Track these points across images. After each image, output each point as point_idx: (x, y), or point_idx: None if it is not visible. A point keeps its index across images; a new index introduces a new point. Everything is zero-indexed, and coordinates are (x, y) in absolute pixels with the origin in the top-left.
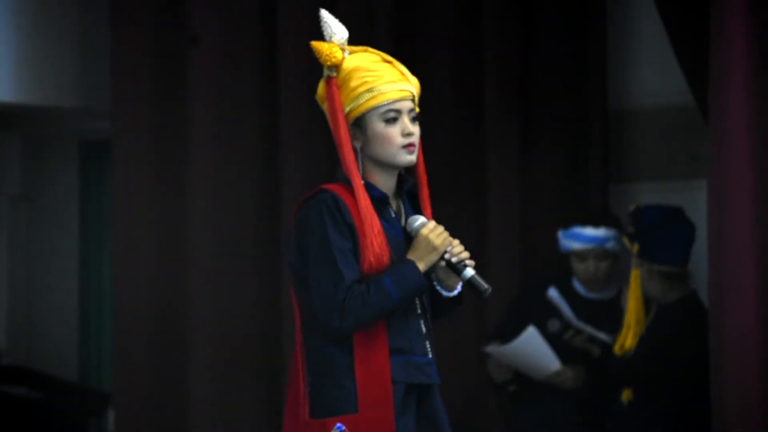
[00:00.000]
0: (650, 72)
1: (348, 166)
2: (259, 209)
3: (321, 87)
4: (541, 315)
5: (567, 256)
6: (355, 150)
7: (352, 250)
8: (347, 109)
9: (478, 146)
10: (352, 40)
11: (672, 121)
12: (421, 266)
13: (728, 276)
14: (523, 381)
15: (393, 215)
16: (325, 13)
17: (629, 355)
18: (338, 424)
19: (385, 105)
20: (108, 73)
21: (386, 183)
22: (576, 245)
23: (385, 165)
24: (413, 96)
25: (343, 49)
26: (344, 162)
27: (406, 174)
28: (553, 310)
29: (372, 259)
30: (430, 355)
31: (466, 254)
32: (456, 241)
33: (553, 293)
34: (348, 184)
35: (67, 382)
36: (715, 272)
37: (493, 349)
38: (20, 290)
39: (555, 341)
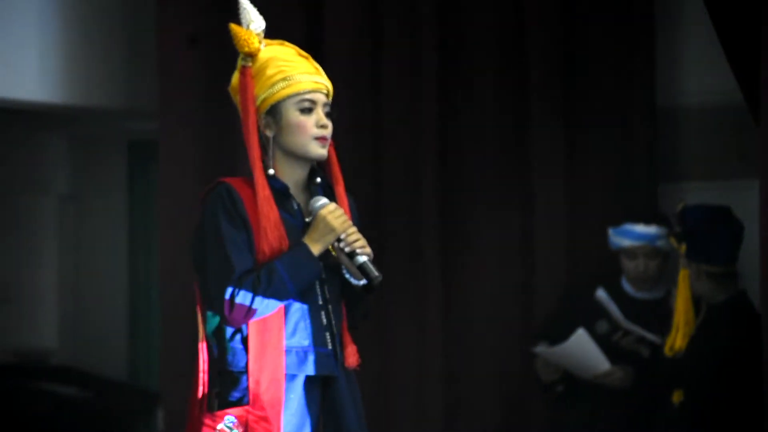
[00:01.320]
0: (699, 70)
1: (252, 157)
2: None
3: (235, 78)
4: (589, 316)
5: (616, 255)
6: (267, 139)
7: (245, 241)
8: (262, 97)
9: (523, 146)
10: (399, 49)
11: (721, 120)
12: (316, 249)
13: None
14: (570, 381)
15: (296, 207)
16: (244, 1)
17: (679, 355)
18: (227, 416)
19: (300, 94)
20: (155, 72)
21: (294, 174)
22: (626, 242)
23: (296, 156)
24: (328, 91)
25: (260, 39)
26: (249, 150)
27: (318, 168)
28: (602, 311)
29: (266, 250)
30: (330, 347)
31: (361, 242)
32: (353, 228)
33: (601, 294)
34: (251, 177)
35: (116, 381)
36: (766, 272)
37: (541, 349)
38: (69, 290)
39: (603, 342)
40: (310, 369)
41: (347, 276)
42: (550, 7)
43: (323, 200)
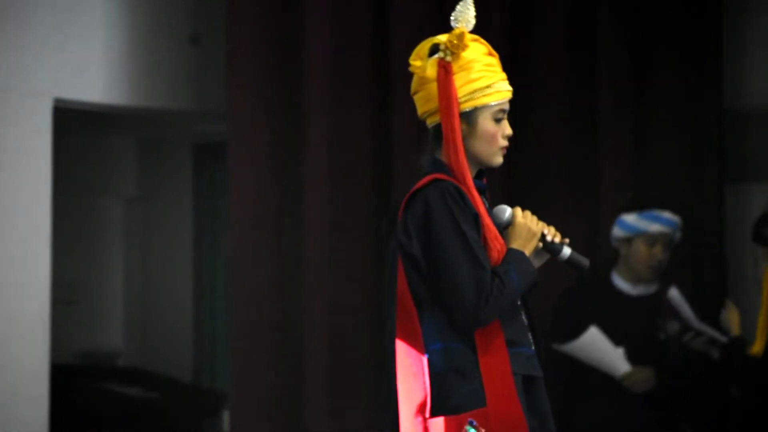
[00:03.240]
0: (766, 71)
1: (461, 159)
2: (374, 209)
3: (432, 68)
4: (591, 314)
5: (614, 250)
6: None
7: (480, 240)
8: (461, 99)
9: (591, 147)
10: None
11: None
12: (528, 254)
13: None
14: (579, 378)
15: (487, 205)
16: (469, 1)
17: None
18: (470, 419)
19: (499, 104)
20: (220, 74)
21: (473, 176)
22: (654, 227)
23: (477, 161)
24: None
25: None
26: (455, 152)
27: (484, 172)
28: (674, 312)
29: (500, 256)
30: (533, 348)
31: (559, 235)
32: (548, 226)
33: (674, 294)
34: (448, 175)
35: (182, 382)
36: None
37: (558, 346)
38: (136, 292)
39: (674, 343)
40: (526, 368)
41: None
42: (620, 7)
43: (509, 208)
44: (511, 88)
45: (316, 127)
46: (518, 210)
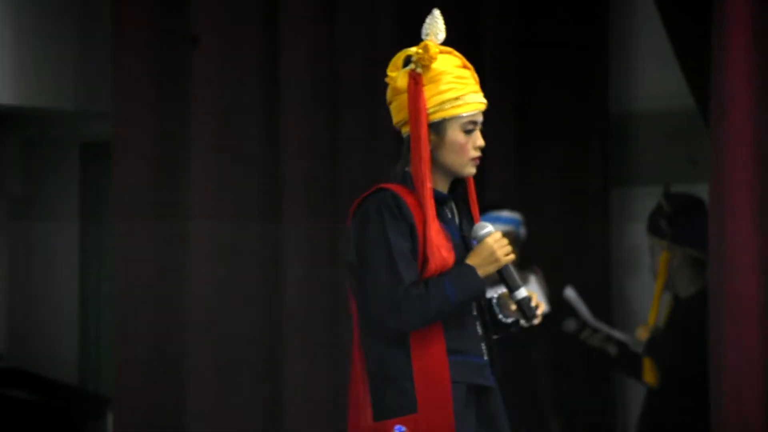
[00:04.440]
0: (651, 75)
1: (423, 168)
2: (260, 211)
3: (402, 79)
4: None
5: None
6: None
7: (411, 250)
8: (429, 110)
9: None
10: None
11: (673, 125)
12: (481, 273)
13: (728, 279)
14: None
15: (450, 216)
16: (437, 12)
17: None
18: (398, 426)
19: (468, 116)
20: (108, 74)
21: (443, 186)
22: (495, 227)
23: (448, 172)
24: (486, 106)
25: (439, 51)
26: (418, 162)
27: (457, 182)
28: (570, 310)
29: (441, 265)
30: (486, 357)
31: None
32: (513, 257)
33: (570, 293)
34: (405, 185)
35: (67, 385)
36: (716, 276)
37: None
38: (20, 293)
39: (571, 340)
40: (472, 377)
41: (496, 309)
42: (507, 13)
43: (489, 227)
44: (484, 101)
45: (202, 128)
46: (495, 233)
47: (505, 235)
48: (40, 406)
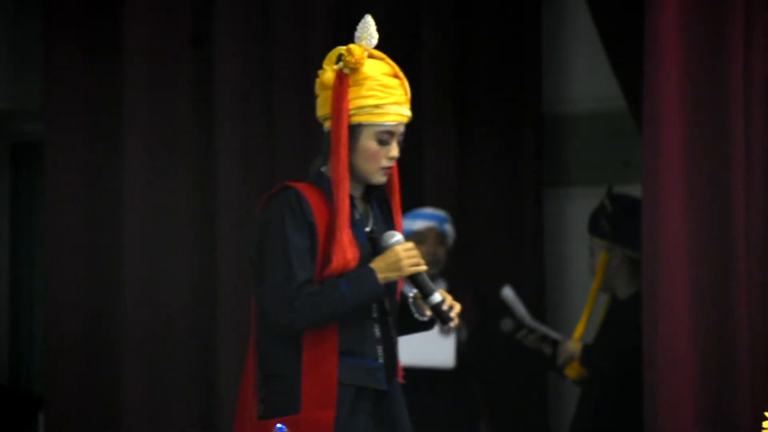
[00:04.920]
0: (584, 77)
1: (340, 170)
2: (193, 211)
3: (329, 76)
4: None
5: None
6: None
7: (309, 249)
8: (350, 112)
9: (413, 153)
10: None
11: (605, 127)
12: (380, 278)
13: (662, 280)
14: None
15: (358, 217)
16: (369, 18)
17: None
18: (279, 425)
19: (384, 126)
20: (40, 73)
21: (355, 187)
22: (417, 224)
23: (360, 177)
24: (408, 120)
25: (368, 56)
26: (336, 161)
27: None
28: (507, 309)
29: (343, 264)
30: (381, 360)
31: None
32: (424, 268)
33: (508, 293)
34: (315, 184)
35: None
36: (649, 276)
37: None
38: None
39: (508, 340)
40: (362, 380)
41: (413, 308)
42: (443, 13)
43: (398, 237)
44: (407, 114)
45: (134, 129)
46: (406, 243)
47: (428, 231)
48: None
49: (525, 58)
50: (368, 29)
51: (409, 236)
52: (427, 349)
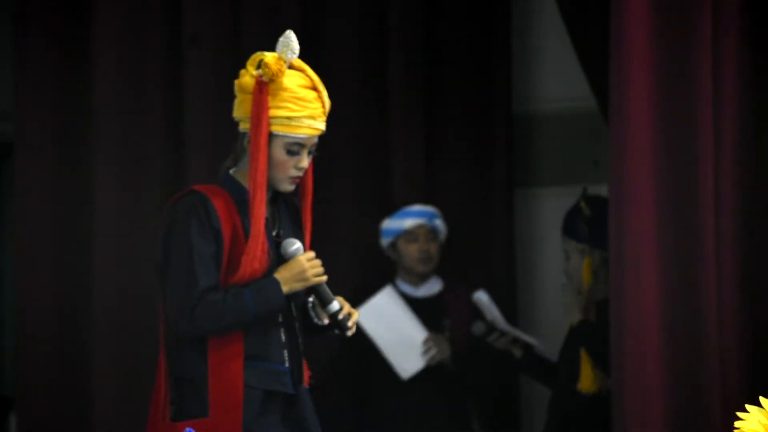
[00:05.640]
0: (554, 76)
1: (258, 177)
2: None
3: (249, 81)
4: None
5: (388, 259)
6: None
7: (214, 254)
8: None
9: (383, 151)
10: (258, 41)
11: (576, 126)
12: (285, 289)
13: (629, 281)
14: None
15: (267, 223)
16: (290, 33)
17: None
18: (188, 429)
19: (294, 137)
20: (10, 72)
21: (268, 197)
22: (407, 223)
23: (269, 183)
24: (322, 132)
25: (288, 67)
26: (255, 169)
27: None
28: (477, 312)
29: (251, 271)
30: (287, 365)
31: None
32: (325, 278)
33: (481, 296)
34: (223, 186)
35: None
36: (616, 277)
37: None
38: None
39: (479, 343)
40: (269, 384)
41: (311, 312)
42: (411, 10)
43: (298, 245)
44: (320, 127)
45: (104, 129)
46: (308, 253)
47: (419, 227)
48: None
49: (494, 56)
50: (289, 44)
51: (399, 235)
52: (393, 322)
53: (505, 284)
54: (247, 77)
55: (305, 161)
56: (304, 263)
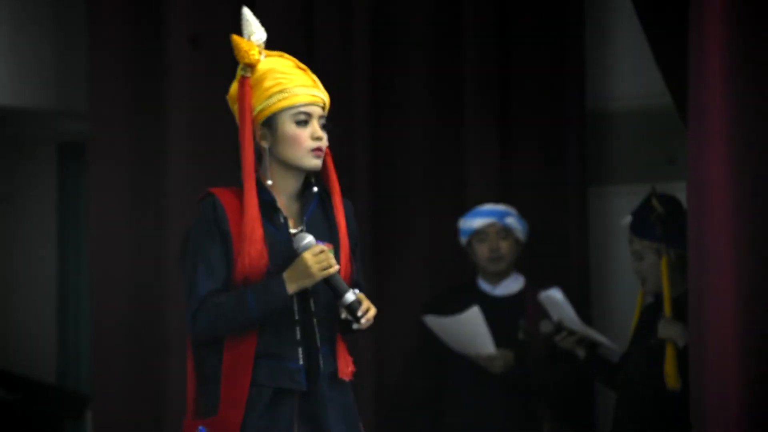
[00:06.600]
0: (628, 74)
1: (245, 169)
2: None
3: (233, 87)
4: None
5: (473, 261)
6: (263, 150)
7: (222, 257)
8: (259, 108)
9: (456, 152)
10: (332, 46)
11: (650, 124)
12: (292, 287)
13: (708, 277)
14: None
15: (282, 220)
16: (247, 12)
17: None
18: (200, 427)
19: (296, 107)
20: (85, 73)
21: (289, 185)
22: (476, 222)
23: (292, 167)
24: (324, 104)
25: (260, 50)
26: (243, 164)
27: (313, 178)
28: (545, 312)
29: (248, 265)
30: (301, 362)
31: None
32: (334, 269)
33: (554, 294)
34: (239, 186)
35: (45, 384)
36: (695, 275)
37: (430, 318)
38: None
39: (546, 342)
40: (280, 381)
41: (341, 309)
42: (485, 10)
43: (308, 239)
44: (318, 94)
45: (177, 126)
46: (314, 247)
47: (489, 226)
48: (19, 406)
49: (568, 54)
50: (249, 25)
51: (472, 234)
52: (467, 336)
53: (580, 282)
54: (232, 87)
55: (319, 130)
56: (308, 259)
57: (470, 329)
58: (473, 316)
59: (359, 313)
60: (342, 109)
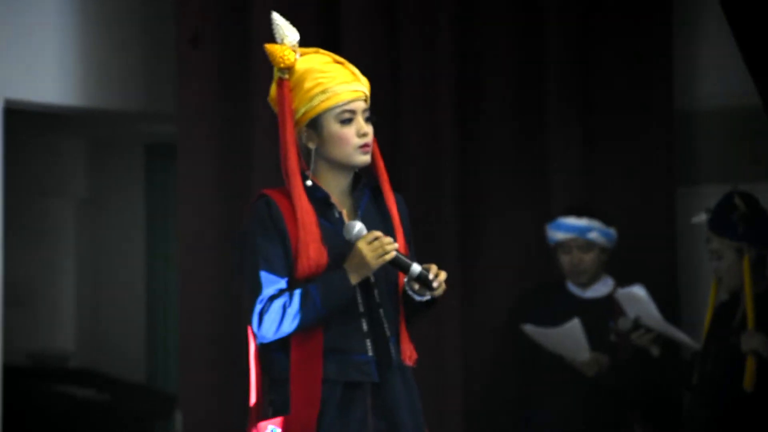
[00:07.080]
0: (716, 74)
1: (288, 170)
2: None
3: (273, 89)
4: (547, 315)
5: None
6: (309, 151)
7: (282, 256)
8: (302, 110)
9: (540, 152)
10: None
11: (737, 123)
12: (354, 278)
13: None
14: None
15: (337, 215)
16: (276, 16)
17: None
18: (271, 427)
19: (339, 106)
20: (173, 75)
21: (339, 183)
22: (559, 235)
23: (340, 165)
24: (366, 96)
25: (294, 51)
26: (285, 166)
27: (361, 173)
28: (640, 310)
29: (307, 265)
30: (371, 354)
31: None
32: (391, 255)
33: (637, 290)
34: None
35: (134, 384)
36: None
37: (530, 328)
38: (87, 293)
39: (623, 338)
40: (350, 375)
41: (410, 292)
42: (569, 8)
43: (358, 227)
44: (359, 89)
45: (265, 129)
46: (367, 235)
47: (571, 241)
48: (109, 406)
49: (655, 53)
50: (280, 30)
51: (555, 244)
52: (566, 345)
53: (667, 284)
54: (271, 90)
55: (364, 126)
56: (363, 248)
57: (570, 339)
58: (574, 328)
59: (431, 278)
60: (427, 108)
